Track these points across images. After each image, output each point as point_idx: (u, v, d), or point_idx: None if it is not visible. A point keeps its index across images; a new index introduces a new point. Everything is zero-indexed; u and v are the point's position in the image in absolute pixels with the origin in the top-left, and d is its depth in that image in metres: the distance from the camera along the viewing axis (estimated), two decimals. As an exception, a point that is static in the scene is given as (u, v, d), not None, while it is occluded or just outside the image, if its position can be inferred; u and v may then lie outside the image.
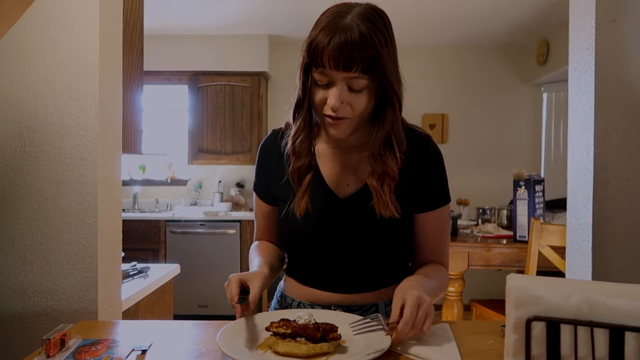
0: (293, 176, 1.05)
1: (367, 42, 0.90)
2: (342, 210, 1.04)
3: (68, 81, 1.31)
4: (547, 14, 3.85)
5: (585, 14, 1.41)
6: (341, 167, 1.06)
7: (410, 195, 1.05)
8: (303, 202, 1.03)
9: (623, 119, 1.36)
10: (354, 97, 0.94)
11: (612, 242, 1.36)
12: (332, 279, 1.08)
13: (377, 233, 1.03)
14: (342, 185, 1.06)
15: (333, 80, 0.93)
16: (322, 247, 1.05)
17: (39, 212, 1.31)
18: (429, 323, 0.87)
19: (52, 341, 0.88)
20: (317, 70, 0.93)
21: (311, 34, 0.93)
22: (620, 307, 0.58)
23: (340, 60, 0.89)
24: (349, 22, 0.91)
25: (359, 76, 0.91)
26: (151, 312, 1.79)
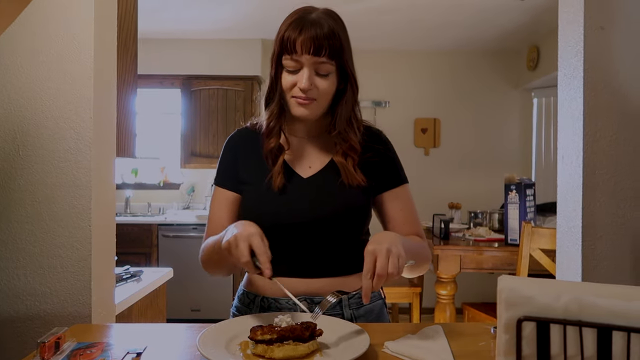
0: (267, 155, 1.14)
1: (334, 33, 1.05)
2: (305, 189, 1.13)
3: (62, 85, 1.31)
4: (537, 20, 3.90)
5: (574, 21, 1.44)
6: (302, 152, 1.17)
7: (371, 175, 1.15)
8: (279, 178, 1.11)
9: (611, 124, 1.39)
10: (321, 81, 1.07)
11: (602, 244, 1.38)
12: (296, 262, 1.11)
13: (338, 211, 1.10)
14: (304, 168, 1.15)
15: (302, 65, 1.05)
16: (286, 226, 1.10)
17: (32, 216, 1.31)
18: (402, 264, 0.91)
19: (46, 344, 0.88)
20: (288, 57, 1.06)
21: (281, 30, 1.07)
22: (608, 307, 0.59)
23: (311, 46, 1.03)
24: (316, 17, 1.06)
25: (326, 61, 1.05)
26: (144, 316, 1.79)
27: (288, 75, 1.08)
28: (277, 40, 1.08)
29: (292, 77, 1.07)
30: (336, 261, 1.12)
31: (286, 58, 1.06)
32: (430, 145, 4.78)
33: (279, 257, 1.04)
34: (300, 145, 1.18)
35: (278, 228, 1.09)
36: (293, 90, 1.07)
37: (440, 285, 2.91)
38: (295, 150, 1.17)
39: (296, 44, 1.03)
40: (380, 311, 1.19)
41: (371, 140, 1.17)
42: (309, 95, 1.06)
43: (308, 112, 1.09)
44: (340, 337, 0.93)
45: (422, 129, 4.78)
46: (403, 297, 3.24)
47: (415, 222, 1.18)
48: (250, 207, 1.14)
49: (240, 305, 1.18)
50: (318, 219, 1.10)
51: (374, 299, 1.18)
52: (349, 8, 3.67)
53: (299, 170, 1.15)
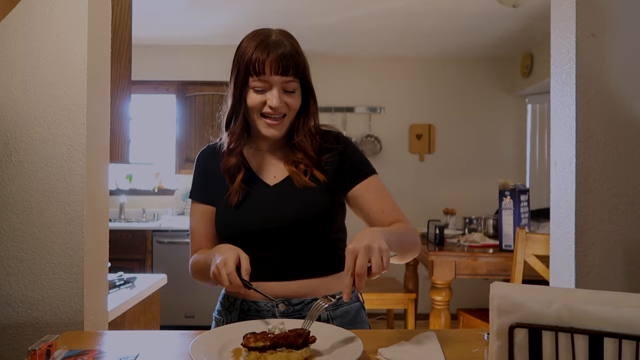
0: (226, 172, 1.19)
1: (297, 52, 1.13)
2: (273, 195, 1.17)
3: (55, 90, 1.31)
4: (530, 27, 3.93)
5: (565, 29, 1.45)
6: (267, 164, 1.22)
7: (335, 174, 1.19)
8: (237, 196, 1.17)
9: (604, 130, 1.40)
10: (289, 98, 1.13)
11: (595, 250, 1.39)
12: (270, 266, 1.14)
13: (301, 213, 1.14)
14: (270, 177, 1.20)
15: (271, 85, 1.11)
16: (260, 233, 1.14)
17: (24, 222, 1.30)
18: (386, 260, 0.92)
19: (37, 352, 0.88)
20: (257, 78, 1.10)
21: (246, 53, 1.12)
22: (600, 313, 0.60)
23: (279, 67, 1.09)
24: (277, 39, 1.12)
25: (293, 79, 1.12)
26: (138, 323, 1.78)
27: (256, 95, 1.12)
28: (241, 62, 1.13)
29: (260, 96, 1.12)
30: (309, 263, 1.16)
31: (254, 79, 1.11)
32: (425, 151, 4.79)
33: (254, 262, 1.08)
34: (264, 158, 1.23)
35: (248, 235, 1.15)
36: (264, 109, 1.12)
37: (435, 291, 2.91)
38: (258, 164, 1.22)
39: (265, 65, 1.09)
40: (357, 313, 1.20)
41: (329, 142, 1.21)
42: (279, 112, 1.12)
43: (278, 132, 1.15)
44: (333, 344, 0.92)
45: (417, 135, 4.80)
46: (398, 303, 3.23)
47: (393, 209, 1.18)
48: (219, 219, 1.20)
49: (221, 308, 1.23)
50: (285, 222, 1.13)
51: (351, 301, 1.20)
52: (344, 15, 3.70)
53: (265, 179, 1.20)
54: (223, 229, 1.19)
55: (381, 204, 1.17)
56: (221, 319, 1.21)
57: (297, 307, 1.13)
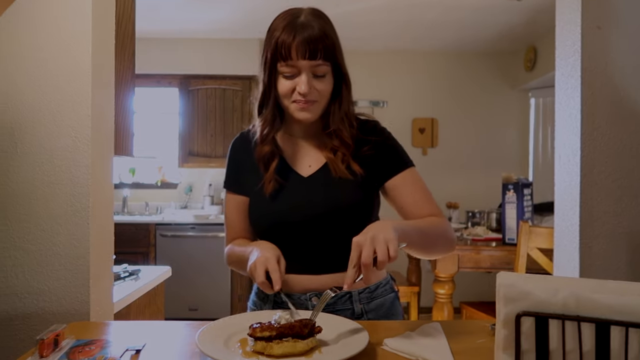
0: (260, 161, 1.16)
1: (325, 34, 1.06)
2: (305, 187, 1.14)
3: (60, 82, 1.31)
4: (534, 20, 3.91)
5: (571, 21, 1.44)
6: (301, 152, 1.18)
7: (372, 167, 1.15)
8: (271, 185, 1.13)
9: (609, 123, 1.40)
10: (319, 82, 1.08)
11: (599, 243, 1.39)
12: (303, 259, 1.12)
13: (336, 206, 1.11)
14: (304, 167, 1.17)
15: (299, 70, 1.06)
16: (293, 225, 1.12)
17: (30, 214, 1.31)
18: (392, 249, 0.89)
19: (45, 341, 0.88)
20: (284, 63, 1.05)
21: (272, 36, 1.07)
22: (606, 302, 0.60)
23: (306, 51, 1.04)
24: (305, 20, 1.06)
25: (322, 63, 1.06)
26: (142, 315, 1.79)
27: (285, 81, 1.08)
28: (269, 47, 1.08)
29: (289, 82, 1.07)
30: (342, 256, 1.09)
31: (282, 64, 1.06)
32: (428, 145, 4.79)
33: (288, 255, 1.07)
34: (299, 145, 1.19)
35: (281, 227, 1.12)
36: (293, 95, 1.08)
37: (438, 284, 2.92)
38: (293, 151, 1.18)
39: (291, 49, 1.04)
40: (392, 305, 1.19)
41: (367, 133, 1.17)
42: (310, 98, 1.07)
43: (310, 115, 1.10)
44: (339, 334, 0.93)
45: (420, 128, 4.79)
46: (401, 296, 3.22)
47: (428, 203, 1.15)
48: (253, 210, 1.17)
49: (256, 299, 1.22)
50: (319, 216, 1.11)
51: (385, 292, 1.18)
52: (346, 8, 3.68)
53: (300, 170, 1.16)
54: (257, 220, 1.17)
55: (416, 198, 1.14)
56: (255, 309, 1.21)
57: (330, 300, 1.10)
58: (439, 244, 1.11)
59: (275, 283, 0.99)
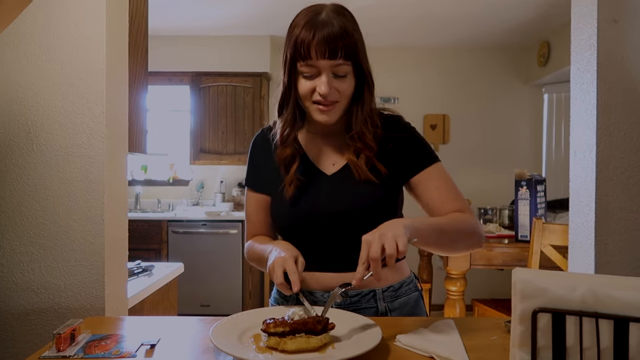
0: (281, 164, 1.14)
1: (346, 32, 1.02)
2: (328, 186, 1.13)
3: (75, 80, 1.33)
4: (547, 14, 3.86)
5: (587, 14, 1.42)
6: (325, 150, 1.17)
7: (397, 164, 1.13)
8: (291, 188, 1.12)
9: (625, 118, 1.38)
10: (340, 83, 1.05)
11: (615, 240, 1.37)
12: (326, 257, 1.11)
13: (359, 205, 1.09)
14: (328, 165, 1.15)
15: (319, 70, 1.03)
16: (317, 224, 1.11)
17: (46, 210, 1.33)
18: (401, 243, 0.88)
19: (62, 335, 0.90)
20: (304, 63, 1.03)
21: (293, 33, 1.04)
22: (625, 298, 0.59)
23: (326, 50, 1.01)
24: (326, 17, 1.03)
25: (343, 63, 1.03)
26: (156, 310, 1.80)
27: (305, 82, 1.05)
28: (289, 45, 1.05)
29: (309, 82, 1.05)
30: None
31: (301, 64, 1.03)
32: (440, 141, 4.76)
33: (310, 253, 1.08)
34: (322, 143, 1.17)
35: (303, 225, 1.12)
36: (313, 96, 1.06)
37: (450, 281, 2.90)
38: (317, 149, 1.17)
39: (310, 49, 1.01)
40: (416, 304, 1.18)
41: (391, 129, 1.14)
42: (330, 99, 1.05)
43: (329, 118, 1.08)
44: (352, 330, 0.93)
45: (431, 125, 4.76)
46: (412, 293, 3.23)
47: (454, 199, 1.13)
48: (275, 210, 1.17)
49: (278, 296, 1.21)
50: (341, 214, 1.09)
51: (409, 291, 1.18)
52: (358, 4, 3.66)
53: (323, 168, 1.15)
54: (278, 219, 1.16)
55: (441, 194, 1.12)
56: (277, 305, 1.20)
57: (353, 298, 1.11)
58: (461, 240, 1.08)
59: (294, 284, 0.98)
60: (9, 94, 1.32)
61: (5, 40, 1.32)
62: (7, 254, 1.33)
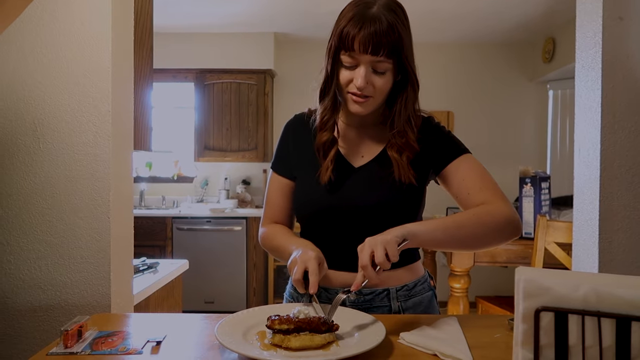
0: (319, 149, 1.14)
1: (393, 30, 1.02)
2: (355, 178, 1.14)
3: (81, 79, 1.33)
4: (553, 11, 3.84)
5: (592, 11, 1.42)
6: (356, 141, 1.18)
7: (427, 164, 1.14)
8: (328, 172, 1.12)
9: (630, 115, 1.37)
10: (378, 78, 1.05)
11: (619, 237, 1.37)
12: (347, 255, 1.07)
13: (388, 199, 1.10)
14: (357, 157, 1.16)
15: (359, 63, 1.04)
16: (338, 215, 1.12)
17: (52, 207, 1.34)
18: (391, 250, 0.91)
19: (70, 332, 0.91)
20: (346, 53, 1.04)
21: (340, 24, 1.04)
22: (628, 297, 0.59)
23: (369, 45, 1.00)
24: (377, 12, 1.02)
25: (384, 60, 1.03)
26: (161, 307, 1.82)
27: (345, 71, 1.06)
28: (335, 34, 1.05)
29: (349, 72, 1.06)
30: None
31: (344, 54, 1.04)
32: (444, 138, 4.75)
33: (328, 249, 1.08)
34: (353, 134, 1.18)
35: (323, 215, 1.13)
36: (349, 87, 1.07)
37: (454, 278, 2.91)
38: (348, 139, 1.18)
39: (354, 42, 1.01)
40: (430, 303, 1.18)
41: (422, 130, 1.15)
42: (365, 93, 1.06)
43: (363, 109, 1.08)
44: (356, 327, 0.93)
45: (436, 122, 4.75)
46: (416, 290, 3.23)
47: (481, 188, 1.09)
48: (300, 195, 1.18)
49: (293, 291, 1.22)
50: (366, 207, 1.10)
51: (423, 290, 1.17)
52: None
53: (352, 159, 1.16)
54: (301, 205, 1.18)
55: (467, 185, 1.10)
56: (292, 300, 1.21)
57: (367, 297, 1.11)
58: (486, 234, 1.05)
59: (312, 286, 0.97)
60: (16, 93, 1.33)
61: (11, 39, 1.33)
62: (14, 251, 1.34)
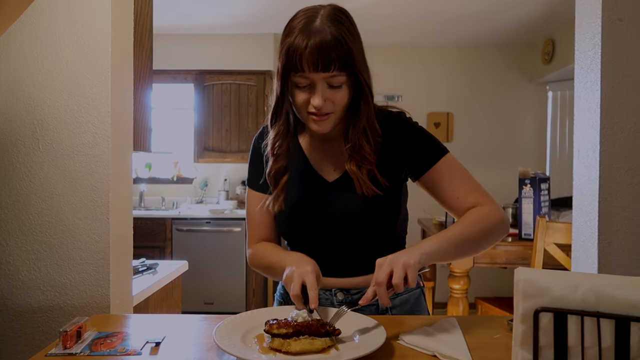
0: (270, 178, 1.12)
1: (340, 41, 0.97)
2: (332, 192, 1.11)
3: (81, 79, 1.33)
4: (552, 12, 3.85)
5: (591, 12, 1.42)
6: (326, 156, 1.14)
7: (401, 166, 1.11)
8: (279, 202, 1.10)
9: (629, 117, 1.37)
10: (335, 93, 1.01)
11: (618, 239, 1.37)
12: (332, 263, 1.11)
13: (366, 210, 1.08)
14: (329, 171, 1.13)
15: (313, 82, 0.99)
16: (319, 230, 1.11)
17: (52, 208, 1.34)
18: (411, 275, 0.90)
19: (69, 333, 0.91)
20: (297, 74, 0.99)
21: (287, 41, 0.99)
22: (627, 298, 0.59)
23: (318, 62, 0.96)
24: (320, 26, 0.97)
25: (337, 74, 0.98)
26: (160, 308, 1.81)
27: (300, 92, 1.02)
28: (281, 54, 1.00)
29: (304, 93, 1.01)
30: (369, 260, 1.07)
31: (295, 75, 0.99)
32: (444, 139, 4.75)
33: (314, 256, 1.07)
34: (322, 148, 1.14)
35: (302, 231, 1.12)
36: (307, 107, 1.02)
37: (453, 279, 2.91)
38: (318, 154, 1.15)
39: (302, 61, 0.96)
40: (417, 301, 1.18)
41: (391, 130, 1.11)
42: (324, 111, 1.01)
43: (325, 128, 1.05)
44: (356, 330, 0.93)
45: (435, 123, 4.76)
46: (415, 291, 3.23)
47: (470, 191, 1.09)
48: (280, 218, 1.14)
49: (283, 292, 1.21)
50: (345, 221, 1.09)
51: (410, 288, 1.17)
52: (362, 2, 3.66)
53: (324, 174, 1.14)
54: (277, 223, 1.15)
55: (454, 189, 1.09)
56: (282, 301, 1.20)
57: (355, 296, 1.11)
58: (486, 239, 1.06)
59: (312, 301, 0.94)
60: (15, 94, 1.34)
61: (11, 40, 1.33)
62: (14, 251, 1.34)
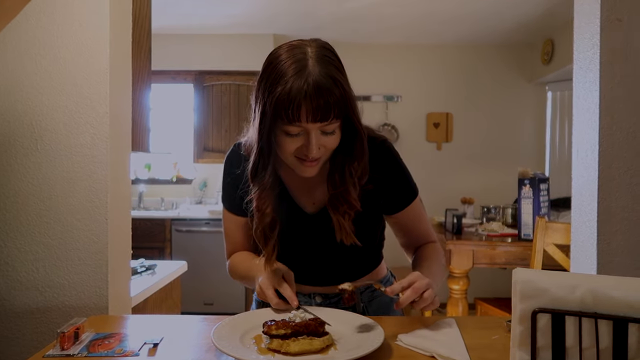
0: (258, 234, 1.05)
1: (337, 89, 0.92)
2: (312, 224, 1.11)
3: (79, 80, 1.33)
4: (551, 12, 3.85)
5: (590, 13, 1.42)
6: (305, 187, 1.12)
7: (377, 202, 1.12)
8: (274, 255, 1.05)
9: (628, 117, 1.37)
10: (327, 139, 0.97)
11: (617, 239, 1.37)
12: (311, 276, 1.16)
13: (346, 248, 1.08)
14: (309, 204, 1.12)
15: (307, 131, 0.94)
16: (299, 257, 1.13)
17: (50, 209, 1.33)
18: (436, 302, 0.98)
19: (66, 334, 0.91)
20: (289, 124, 0.92)
21: (276, 90, 0.91)
22: (624, 299, 0.59)
23: (318, 114, 0.91)
24: (313, 71, 0.91)
25: (334, 121, 0.94)
26: (159, 309, 1.81)
27: (289, 140, 0.95)
28: (269, 101, 0.92)
29: (294, 141, 0.95)
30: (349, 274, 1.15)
31: (286, 124, 0.93)
32: (443, 139, 4.75)
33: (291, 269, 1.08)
34: (302, 180, 1.08)
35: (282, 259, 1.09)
36: (296, 152, 0.97)
37: (453, 280, 2.91)
38: (296, 185, 1.12)
39: (300, 112, 0.90)
40: (392, 303, 1.20)
41: (373, 163, 1.07)
42: (315, 157, 0.97)
43: (314, 172, 1.01)
44: (354, 331, 0.93)
45: (435, 123, 4.75)
46: (415, 291, 3.23)
47: (427, 233, 1.21)
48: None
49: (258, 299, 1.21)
50: (322, 250, 1.12)
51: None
52: (362, 2, 3.66)
53: (303, 205, 1.12)
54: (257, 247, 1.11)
55: (418, 231, 1.20)
56: (261, 301, 1.18)
57: (333, 300, 1.15)
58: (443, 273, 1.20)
59: (291, 300, 0.98)
60: (13, 94, 1.33)
61: (9, 40, 1.33)
62: (12, 252, 1.34)
